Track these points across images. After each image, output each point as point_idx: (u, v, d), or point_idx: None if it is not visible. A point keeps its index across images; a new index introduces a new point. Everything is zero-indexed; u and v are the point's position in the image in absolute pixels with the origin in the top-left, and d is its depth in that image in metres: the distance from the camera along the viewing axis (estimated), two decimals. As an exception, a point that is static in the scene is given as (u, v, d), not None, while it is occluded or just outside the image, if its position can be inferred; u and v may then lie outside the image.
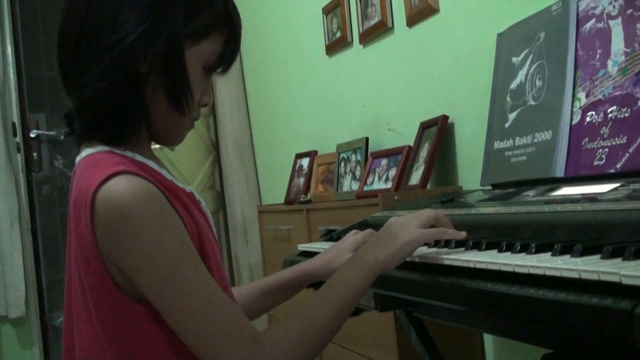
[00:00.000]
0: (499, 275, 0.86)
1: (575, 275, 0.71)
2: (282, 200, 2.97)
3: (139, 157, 0.93)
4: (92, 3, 0.91)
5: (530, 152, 1.42)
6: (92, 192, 0.84)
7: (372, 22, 2.29)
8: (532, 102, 1.45)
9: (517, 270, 0.80)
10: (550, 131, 1.37)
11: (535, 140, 1.41)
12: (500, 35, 1.62)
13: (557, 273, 0.74)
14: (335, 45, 2.59)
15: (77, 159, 0.95)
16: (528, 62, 1.48)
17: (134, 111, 0.91)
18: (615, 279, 0.65)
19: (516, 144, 1.47)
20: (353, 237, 1.22)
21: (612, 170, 1.20)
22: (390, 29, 2.20)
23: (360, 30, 2.38)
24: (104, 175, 0.85)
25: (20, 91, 3.59)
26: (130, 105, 0.90)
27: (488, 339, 1.81)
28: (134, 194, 0.83)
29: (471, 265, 0.90)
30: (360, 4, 2.36)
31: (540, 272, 0.76)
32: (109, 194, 0.84)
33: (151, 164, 0.94)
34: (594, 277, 0.68)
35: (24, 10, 3.65)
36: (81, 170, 0.91)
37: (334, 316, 0.92)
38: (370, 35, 2.33)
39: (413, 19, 2.05)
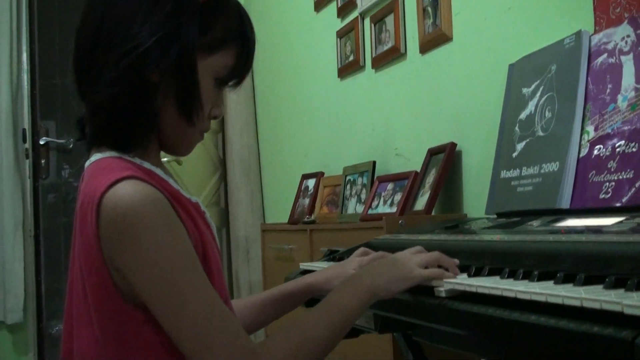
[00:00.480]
0: (501, 301, 0.86)
1: (577, 303, 0.71)
2: (285, 220, 2.98)
3: (146, 165, 0.94)
4: (108, 11, 0.93)
5: (536, 182, 1.42)
6: (99, 195, 0.85)
7: (385, 48, 2.31)
8: (540, 133, 1.45)
9: (519, 296, 0.80)
10: (557, 162, 1.37)
11: (542, 171, 1.41)
12: (512, 66, 1.63)
13: (559, 300, 0.74)
14: (348, 68, 2.61)
15: (87, 163, 0.96)
16: (538, 93, 1.49)
17: (143, 119, 0.92)
18: (617, 308, 0.65)
19: (523, 174, 1.47)
20: (359, 258, 1.22)
21: (618, 204, 1.20)
22: (403, 55, 2.22)
23: (373, 55, 2.40)
24: (112, 179, 0.86)
25: (33, 98, 3.63)
26: (140, 113, 0.92)
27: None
28: (140, 199, 0.84)
29: (473, 290, 0.90)
30: (375, 29, 2.38)
31: (542, 298, 0.76)
32: (116, 198, 0.84)
33: (158, 171, 0.95)
34: (596, 305, 0.68)
35: (41, 18, 3.70)
36: (89, 174, 0.92)
37: (328, 334, 0.93)
38: (382, 60, 2.34)
39: (426, 46, 2.07)
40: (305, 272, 1.51)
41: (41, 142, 3.65)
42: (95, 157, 0.94)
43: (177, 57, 0.91)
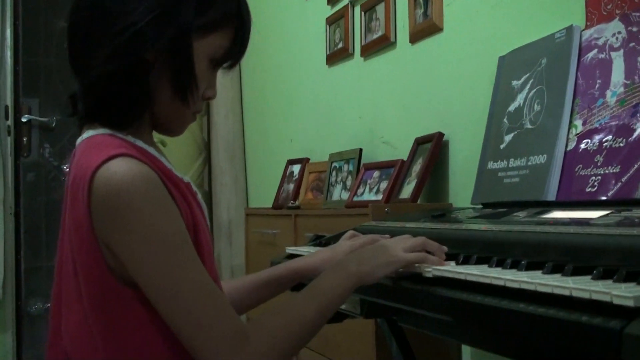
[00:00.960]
0: (489, 289, 0.87)
1: (567, 292, 0.72)
2: (268, 205, 2.98)
3: (139, 143, 0.94)
4: None
5: (523, 174, 1.44)
6: (92, 172, 0.85)
7: (375, 36, 2.31)
8: (529, 126, 1.47)
9: (508, 284, 0.82)
10: (545, 155, 1.39)
11: (530, 163, 1.43)
12: (502, 58, 1.65)
13: (548, 290, 0.75)
14: (336, 55, 2.61)
15: (78, 140, 0.95)
16: (528, 86, 1.50)
17: (137, 97, 0.92)
18: (606, 298, 0.67)
19: (510, 165, 1.49)
20: (350, 242, 1.23)
21: (604, 198, 1.22)
22: (393, 44, 2.23)
23: (363, 43, 2.40)
24: (105, 156, 0.85)
25: (16, 75, 3.58)
26: (134, 91, 0.91)
27: (466, 352, 1.82)
28: (133, 176, 0.84)
29: (462, 277, 0.91)
30: (365, 17, 2.38)
31: (531, 287, 0.78)
32: (108, 175, 0.84)
33: (151, 150, 0.95)
34: (586, 295, 0.69)
35: (26, -5, 3.65)
36: (81, 151, 0.91)
37: (315, 317, 0.95)
38: (372, 49, 2.35)
39: (416, 36, 2.08)
40: (291, 256, 1.52)
41: (23, 120, 3.61)
42: (88, 133, 0.93)
43: (173, 37, 0.91)
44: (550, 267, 0.84)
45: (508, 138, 1.53)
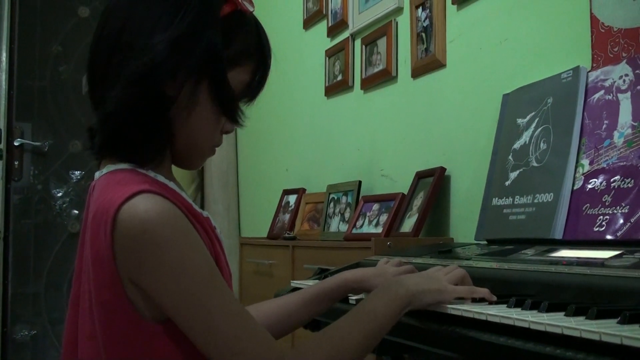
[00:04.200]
0: (507, 330, 0.87)
1: (595, 337, 0.72)
2: (261, 235, 2.97)
3: (160, 178, 0.94)
4: (128, 22, 0.92)
5: (530, 211, 1.45)
6: (115, 209, 0.84)
7: (376, 70, 2.34)
8: (535, 164, 1.49)
9: (533, 327, 0.82)
10: (551, 193, 1.40)
11: (536, 201, 1.44)
12: (506, 96, 1.67)
13: (576, 333, 0.75)
14: (335, 87, 2.63)
15: (97, 174, 0.95)
16: (534, 124, 1.52)
17: (156, 132, 0.92)
18: (639, 344, 0.67)
19: (516, 202, 1.50)
20: (392, 268, 1.22)
21: (612, 238, 1.23)
22: (394, 78, 2.25)
23: (363, 76, 2.42)
24: (128, 193, 0.85)
25: (10, 98, 3.57)
26: (152, 125, 0.91)
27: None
28: (158, 213, 0.84)
29: (483, 317, 0.91)
30: (366, 51, 2.41)
31: (557, 330, 0.78)
32: (133, 212, 0.84)
33: (172, 185, 0.95)
34: (617, 340, 0.70)
35: (22, 18, 3.65)
36: (102, 186, 0.91)
37: (361, 342, 0.93)
38: (372, 82, 2.37)
39: (418, 71, 2.10)
40: (296, 289, 1.52)
41: (15, 144, 3.59)
42: (108, 168, 0.93)
43: (203, 71, 0.91)
44: (573, 309, 0.84)
45: (513, 175, 1.55)
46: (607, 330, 0.72)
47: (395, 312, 0.97)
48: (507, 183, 1.56)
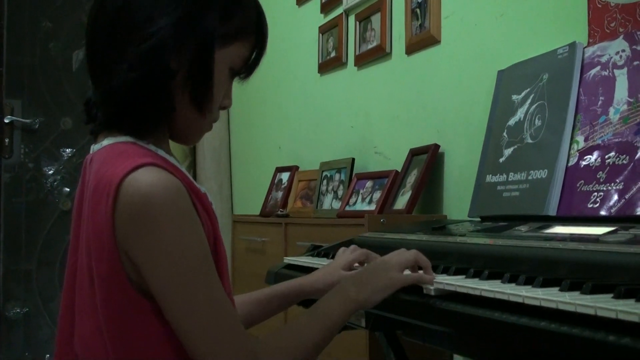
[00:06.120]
0: (501, 305, 0.87)
1: (591, 312, 0.72)
2: (254, 212, 2.97)
3: (161, 152, 0.93)
4: None
5: (523, 188, 1.45)
6: (118, 180, 0.83)
7: (370, 46, 2.32)
8: (529, 140, 1.48)
9: (527, 302, 0.82)
10: (545, 170, 1.40)
11: (530, 178, 1.43)
12: (501, 72, 1.66)
13: (571, 308, 0.75)
14: (329, 64, 2.61)
15: (96, 147, 0.94)
16: (529, 101, 1.51)
17: (160, 105, 0.91)
18: (634, 319, 0.67)
19: (510, 179, 1.50)
20: (344, 256, 1.24)
21: (606, 214, 1.23)
22: (388, 55, 2.23)
23: (357, 53, 2.40)
24: (132, 165, 0.84)
25: (0, 75, 3.53)
26: (157, 99, 0.90)
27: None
28: (162, 187, 0.83)
29: (477, 293, 0.91)
30: (360, 27, 2.39)
31: (552, 305, 0.77)
32: (137, 184, 0.83)
33: (172, 160, 0.94)
34: (612, 315, 0.69)
35: (12, -5, 3.61)
36: (102, 159, 0.90)
37: (319, 340, 0.96)
38: (366, 59, 2.35)
39: (413, 47, 2.08)
40: (290, 265, 1.52)
41: (6, 121, 3.56)
42: (108, 141, 0.92)
43: (197, 45, 0.90)
44: (568, 284, 0.84)
45: (508, 152, 1.54)
46: (602, 304, 0.72)
47: (347, 313, 1.00)
48: (501, 160, 1.55)
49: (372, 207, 2.05)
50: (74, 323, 0.90)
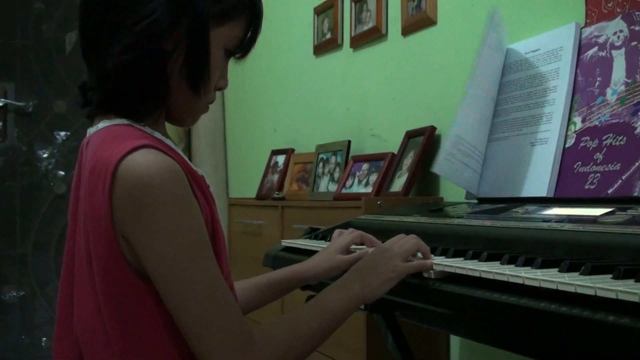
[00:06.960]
0: (500, 287, 0.87)
1: (591, 292, 0.72)
2: (249, 195, 2.96)
3: (157, 135, 0.93)
4: None
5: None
6: (115, 162, 0.83)
7: (366, 28, 2.30)
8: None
9: (527, 283, 0.82)
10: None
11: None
12: (498, 54, 1.65)
13: (571, 289, 0.75)
14: (324, 46, 2.59)
15: (92, 129, 0.93)
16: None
17: (156, 87, 0.91)
18: (634, 299, 0.67)
19: (507, 161, 1.49)
20: (340, 240, 1.24)
21: (603, 195, 1.23)
22: (384, 36, 2.22)
23: (352, 34, 2.39)
24: (129, 147, 0.84)
25: (-8, 58, 3.51)
26: (152, 81, 0.90)
27: (455, 345, 1.84)
28: (159, 169, 0.83)
29: (476, 274, 0.91)
30: (355, 8, 2.37)
31: (552, 286, 0.78)
32: (134, 166, 0.83)
33: (169, 142, 0.93)
34: (612, 295, 0.70)
35: (3, -24, 3.57)
36: (99, 141, 0.89)
37: (318, 331, 0.96)
38: (361, 40, 2.34)
39: (409, 29, 2.07)
40: (288, 248, 1.52)
41: (-1, 104, 3.53)
42: (104, 123, 0.91)
43: (191, 25, 0.90)
44: (567, 265, 0.84)
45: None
46: (602, 285, 0.72)
47: (350, 307, 1.00)
48: (498, 141, 1.55)
49: (369, 189, 2.05)
50: (73, 305, 0.90)
